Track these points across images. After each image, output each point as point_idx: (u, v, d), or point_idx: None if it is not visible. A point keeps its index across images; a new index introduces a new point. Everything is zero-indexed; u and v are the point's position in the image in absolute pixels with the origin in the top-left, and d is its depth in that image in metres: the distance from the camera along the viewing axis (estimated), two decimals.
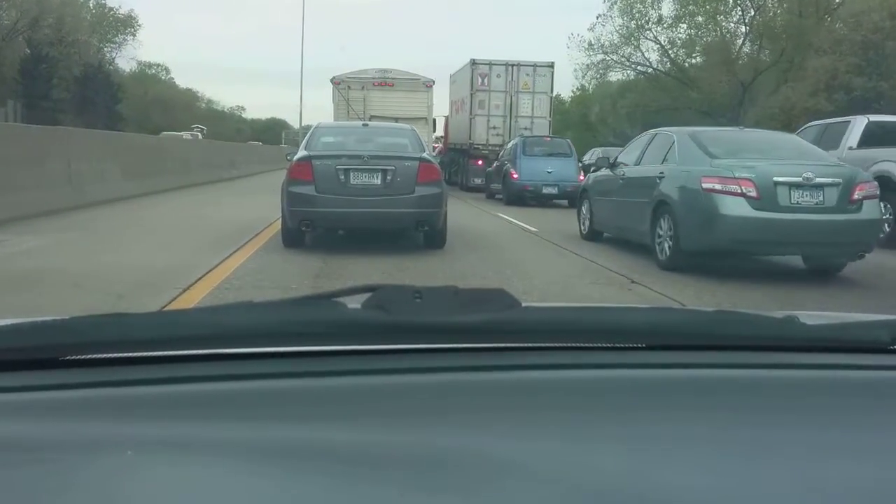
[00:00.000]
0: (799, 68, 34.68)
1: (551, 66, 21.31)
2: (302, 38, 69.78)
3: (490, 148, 20.89)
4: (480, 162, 20.92)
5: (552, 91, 21.45)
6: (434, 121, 25.31)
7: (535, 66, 21.08)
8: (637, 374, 1.00)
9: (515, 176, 16.44)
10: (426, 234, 8.38)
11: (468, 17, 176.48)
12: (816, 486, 0.75)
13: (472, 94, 21.07)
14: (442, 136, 27.69)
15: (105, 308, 4.61)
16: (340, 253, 7.98)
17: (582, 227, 10.32)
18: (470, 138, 21.20)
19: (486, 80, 20.99)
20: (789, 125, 32.18)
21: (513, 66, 20.98)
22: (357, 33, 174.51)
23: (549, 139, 18.29)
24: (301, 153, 8.40)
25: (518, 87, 20.91)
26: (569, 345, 1.03)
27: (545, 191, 16.39)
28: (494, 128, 21.08)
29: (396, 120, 16.16)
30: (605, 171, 9.78)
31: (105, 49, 54.47)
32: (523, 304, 0.98)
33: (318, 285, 6.12)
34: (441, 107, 25.91)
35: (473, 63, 21.11)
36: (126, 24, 54.26)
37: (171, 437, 0.78)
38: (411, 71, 21.97)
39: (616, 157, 9.77)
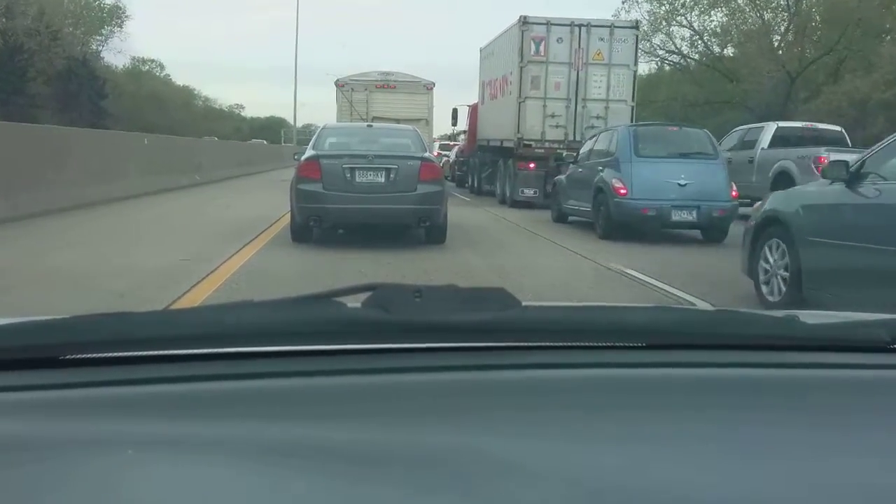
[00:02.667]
0: (860, 56, 28.28)
1: (635, 26, 13.96)
2: (296, 39, 63.95)
3: (547, 145, 13.55)
4: (533, 165, 13.59)
5: (636, 63, 13.87)
6: (455, 111, 21.02)
7: (612, 26, 13.62)
8: (637, 373, 0.94)
9: (624, 191, 8.98)
10: (427, 229, 8.15)
11: (469, 16, 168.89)
12: (816, 485, 0.71)
13: (521, 68, 13.53)
14: (465, 131, 20.40)
15: None
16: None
17: (765, 290, 5.36)
18: (518, 131, 13.69)
19: (542, 48, 13.46)
20: (861, 122, 25.77)
21: (580, 26, 13.35)
22: (358, 32, 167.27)
23: (676, 129, 10.45)
24: (309, 153, 8.28)
25: (588, 58, 13.43)
26: (569, 344, 0.97)
27: (676, 216, 8.97)
28: (553, 116, 13.62)
29: (398, 121, 14.60)
30: (829, 187, 4.96)
31: (91, 41, 47.92)
32: (523, 304, 0.91)
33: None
34: (442, 106, 22.45)
35: (524, 23, 13.51)
36: (112, 15, 47.69)
37: (172, 436, 0.73)
38: (412, 73, 20.20)
39: (858, 164, 4.80)
